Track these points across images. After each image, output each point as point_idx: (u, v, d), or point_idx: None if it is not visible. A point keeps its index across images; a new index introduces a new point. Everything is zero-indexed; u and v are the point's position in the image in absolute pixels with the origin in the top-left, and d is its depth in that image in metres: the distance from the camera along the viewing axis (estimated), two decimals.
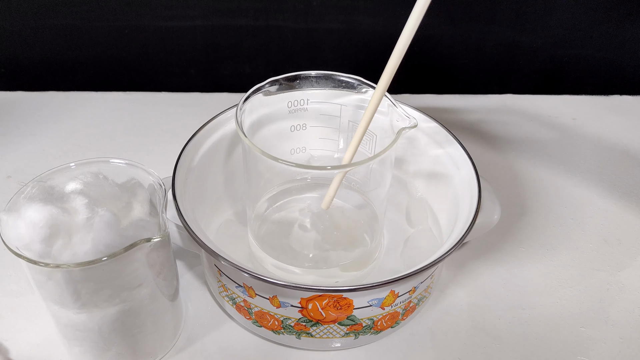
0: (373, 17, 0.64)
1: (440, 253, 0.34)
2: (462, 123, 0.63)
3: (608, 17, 0.65)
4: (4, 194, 0.52)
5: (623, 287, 0.45)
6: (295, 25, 0.65)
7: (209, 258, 0.38)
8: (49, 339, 0.40)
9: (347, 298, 0.35)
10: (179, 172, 0.40)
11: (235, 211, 0.47)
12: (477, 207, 0.38)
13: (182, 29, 0.65)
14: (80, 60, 0.68)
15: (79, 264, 0.29)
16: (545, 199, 0.53)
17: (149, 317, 0.35)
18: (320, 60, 0.68)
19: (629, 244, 0.49)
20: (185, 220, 0.36)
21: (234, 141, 0.46)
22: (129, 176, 0.36)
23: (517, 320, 0.42)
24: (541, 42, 0.67)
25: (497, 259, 0.47)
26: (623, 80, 0.70)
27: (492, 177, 0.55)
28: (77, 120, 0.63)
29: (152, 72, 0.69)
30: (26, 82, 0.69)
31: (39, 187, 0.34)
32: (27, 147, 0.59)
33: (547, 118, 0.65)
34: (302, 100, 0.42)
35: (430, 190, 0.46)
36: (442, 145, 0.44)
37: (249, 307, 0.38)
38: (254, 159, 0.38)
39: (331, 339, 0.38)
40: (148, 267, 0.33)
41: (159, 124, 0.62)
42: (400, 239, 0.45)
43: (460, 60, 0.69)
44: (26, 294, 0.43)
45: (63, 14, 0.64)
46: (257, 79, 0.40)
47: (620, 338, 0.41)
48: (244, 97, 0.38)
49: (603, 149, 0.60)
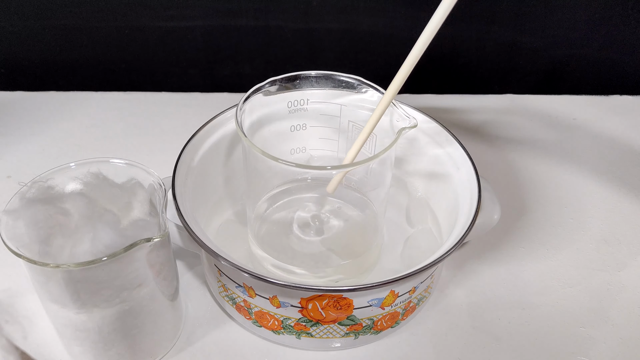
0: (373, 17, 0.64)
1: (440, 253, 0.34)
2: (462, 123, 0.63)
3: (608, 17, 0.65)
4: (4, 194, 0.52)
5: (623, 287, 0.45)
6: (295, 25, 0.65)
7: (209, 258, 0.38)
8: (49, 339, 0.40)
9: (347, 298, 0.35)
10: (179, 172, 0.40)
11: (235, 211, 0.47)
12: (477, 207, 0.38)
13: (182, 29, 0.65)
14: (80, 60, 0.68)
15: (79, 264, 0.29)
16: (545, 199, 0.53)
17: (149, 317, 0.35)
18: (320, 60, 0.68)
19: (629, 244, 0.48)
20: (185, 220, 0.36)
21: (234, 141, 0.46)
22: (129, 176, 0.36)
23: (517, 320, 0.42)
24: (541, 42, 0.67)
25: (497, 259, 0.47)
26: (623, 80, 0.70)
27: (492, 177, 0.55)
28: (77, 120, 0.63)
29: (152, 72, 0.69)
30: (26, 82, 0.69)
31: (39, 187, 0.34)
32: (27, 147, 0.59)
33: (547, 118, 0.65)
34: (302, 100, 0.42)
35: (430, 190, 0.46)
36: (442, 145, 0.44)
37: (249, 307, 0.38)
38: (254, 159, 0.38)
39: (331, 339, 0.38)
40: (148, 267, 0.33)
41: (159, 124, 0.62)
42: (400, 239, 0.45)
43: (460, 60, 0.69)
44: (26, 294, 0.43)
45: (63, 14, 0.64)
46: (257, 79, 0.40)
47: (620, 338, 0.41)
48: (244, 97, 0.38)
49: (603, 149, 0.60)
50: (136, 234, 0.32)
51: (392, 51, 0.66)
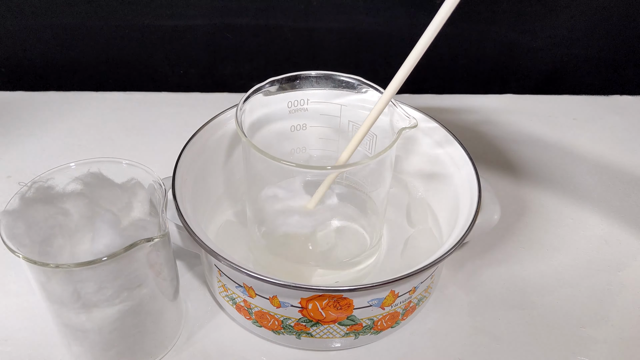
0: (373, 17, 0.64)
1: (441, 253, 0.34)
2: (462, 123, 0.63)
3: (608, 17, 0.65)
4: (4, 194, 0.52)
5: (623, 287, 0.45)
6: (295, 25, 0.65)
7: (209, 258, 0.38)
8: (49, 339, 0.40)
9: (347, 298, 0.35)
10: (179, 172, 0.40)
11: (235, 211, 0.47)
12: (477, 207, 0.38)
13: (182, 29, 0.65)
14: (80, 60, 0.68)
15: (79, 264, 0.29)
16: (545, 199, 0.53)
17: (149, 317, 0.35)
18: (320, 60, 0.68)
19: (629, 244, 0.48)
20: (185, 220, 0.36)
21: (234, 141, 0.46)
22: (129, 176, 0.36)
23: (517, 320, 0.42)
24: (541, 42, 0.67)
25: (497, 259, 0.47)
26: (623, 80, 0.70)
27: (492, 177, 0.55)
28: (77, 120, 0.63)
29: (152, 72, 0.69)
30: (26, 82, 0.69)
31: (39, 187, 0.34)
32: (27, 147, 0.59)
33: (547, 118, 0.65)
34: (302, 100, 0.42)
35: (431, 190, 0.46)
36: (442, 145, 0.44)
37: (249, 307, 0.37)
38: (254, 159, 0.38)
39: (331, 339, 0.38)
40: (148, 267, 0.33)
41: (159, 124, 0.62)
42: (401, 239, 0.45)
43: (460, 60, 0.69)
44: (26, 294, 0.43)
45: (63, 13, 0.64)
46: (257, 79, 0.40)
47: (620, 338, 0.41)
48: (244, 97, 0.38)
49: (603, 149, 0.60)
50: (136, 234, 0.32)
51: (392, 51, 0.66)
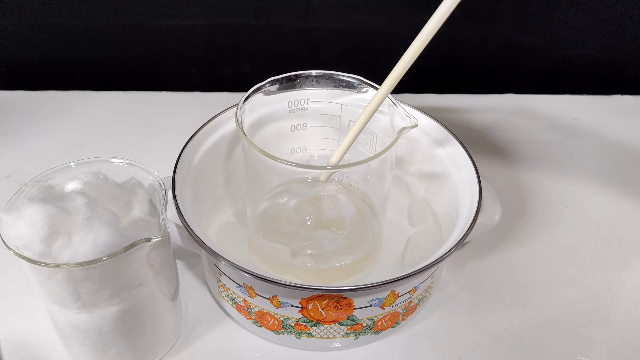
0: (373, 17, 0.64)
1: (441, 253, 0.34)
2: (463, 123, 0.63)
3: (608, 17, 0.65)
4: (4, 194, 0.52)
5: (624, 287, 0.45)
6: (295, 25, 0.65)
7: (209, 258, 0.38)
8: (49, 339, 0.40)
9: (348, 298, 0.34)
10: (179, 172, 0.40)
11: (235, 211, 0.47)
12: (477, 207, 0.38)
13: (182, 28, 0.65)
14: (80, 60, 0.68)
15: (79, 264, 0.29)
16: (545, 199, 0.53)
17: (149, 317, 0.35)
18: (320, 59, 0.68)
19: (629, 244, 0.48)
20: (185, 220, 0.36)
21: (234, 141, 0.46)
22: (129, 176, 0.36)
23: (517, 320, 0.42)
24: (542, 41, 0.67)
25: (497, 259, 0.47)
26: (624, 80, 0.70)
27: (492, 177, 0.55)
28: (77, 120, 0.63)
29: (152, 72, 0.69)
30: (26, 81, 0.69)
31: (39, 187, 0.34)
32: (27, 147, 0.59)
33: (548, 118, 0.65)
34: (302, 100, 0.42)
35: (431, 190, 0.46)
36: (443, 145, 0.44)
37: (249, 307, 0.37)
38: (254, 159, 0.38)
39: (331, 339, 0.38)
40: (148, 267, 0.33)
41: (159, 124, 0.62)
42: (401, 239, 0.45)
43: (460, 60, 0.69)
44: (26, 294, 0.43)
45: (63, 13, 0.64)
46: (257, 79, 0.40)
47: (621, 338, 0.41)
48: (244, 96, 0.38)
49: (604, 149, 0.60)
50: (136, 233, 0.32)
51: (392, 51, 0.66)
